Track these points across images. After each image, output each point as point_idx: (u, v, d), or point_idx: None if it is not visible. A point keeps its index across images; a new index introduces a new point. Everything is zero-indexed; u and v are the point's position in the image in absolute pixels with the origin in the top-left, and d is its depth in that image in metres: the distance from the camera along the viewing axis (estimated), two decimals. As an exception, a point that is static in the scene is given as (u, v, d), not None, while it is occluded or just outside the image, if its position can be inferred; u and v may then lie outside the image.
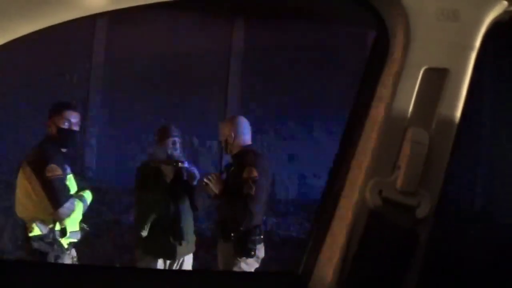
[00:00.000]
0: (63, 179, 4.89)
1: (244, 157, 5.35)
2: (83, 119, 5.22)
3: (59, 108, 5.07)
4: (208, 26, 9.70)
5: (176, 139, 5.61)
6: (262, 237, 5.41)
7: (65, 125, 4.99)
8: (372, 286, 1.47)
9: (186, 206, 5.65)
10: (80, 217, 5.08)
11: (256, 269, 5.40)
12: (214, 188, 5.33)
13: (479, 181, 6.15)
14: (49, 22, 1.38)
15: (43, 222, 4.87)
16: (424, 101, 1.42)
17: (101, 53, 9.68)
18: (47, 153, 4.91)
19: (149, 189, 5.57)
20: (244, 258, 5.32)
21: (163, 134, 5.63)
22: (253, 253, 5.29)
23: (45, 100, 5.50)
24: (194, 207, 5.70)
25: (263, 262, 5.48)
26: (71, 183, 5.06)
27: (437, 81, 1.41)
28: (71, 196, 4.93)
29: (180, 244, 5.59)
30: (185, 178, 5.57)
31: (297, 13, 9.01)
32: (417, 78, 1.41)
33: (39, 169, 4.80)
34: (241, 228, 5.24)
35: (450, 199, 1.51)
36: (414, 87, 1.41)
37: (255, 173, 5.21)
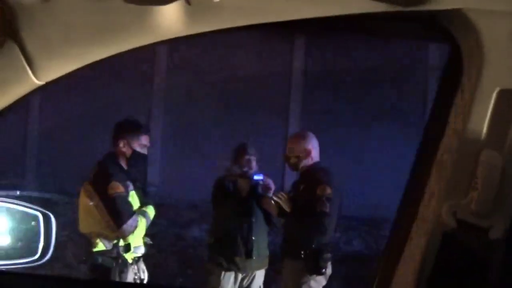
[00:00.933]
0: (125, 197, 4.95)
1: (315, 174, 5.36)
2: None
3: (137, 130, 5.20)
4: (269, 45, 9.74)
5: (252, 157, 5.74)
6: (331, 255, 5.37)
7: (140, 148, 5.09)
8: None
9: (260, 220, 5.77)
10: (143, 232, 5.13)
11: (324, 287, 5.40)
12: (285, 206, 5.35)
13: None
14: (123, 48, 1.41)
15: (107, 237, 4.95)
16: (497, 123, 1.41)
17: (163, 73, 9.80)
18: (109, 170, 5.00)
19: (224, 203, 5.74)
20: (314, 275, 5.29)
21: (240, 152, 5.79)
22: (324, 270, 5.25)
23: (110, 121, 5.64)
24: (269, 222, 5.80)
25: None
26: (134, 199, 5.11)
27: (510, 102, 1.40)
28: (134, 212, 4.98)
29: (251, 258, 5.68)
30: (261, 192, 5.67)
31: (359, 31, 8.99)
32: (490, 100, 1.40)
33: (101, 186, 4.90)
34: (313, 246, 5.22)
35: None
36: (488, 109, 1.40)
37: (328, 191, 5.22)
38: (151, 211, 5.22)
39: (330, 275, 5.45)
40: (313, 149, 5.42)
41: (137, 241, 5.04)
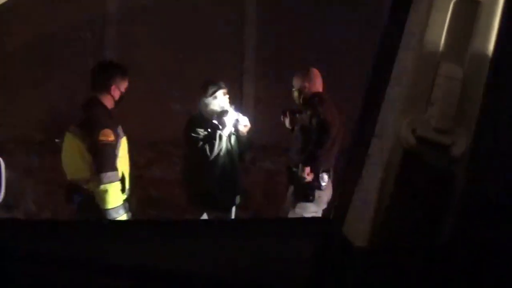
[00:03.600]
0: (114, 147, 4.84)
1: (312, 104, 5.65)
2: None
3: (124, 73, 5.11)
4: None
5: (225, 90, 5.68)
6: (325, 184, 5.64)
7: (124, 91, 5.08)
8: (408, 229, 1.43)
9: (236, 157, 5.78)
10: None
11: (314, 215, 5.59)
12: (288, 124, 5.84)
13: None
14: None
15: None
16: (456, 35, 1.36)
17: (114, 6, 9.59)
18: (100, 117, 4.85)
19: (201, 142, 5.60)
20: (304, 202, 5.63)
21: (212, 87, 5.69)
22: (311, 197, 5.57)
23: (60, 60, 5.46)
24: (241, 158, 5.90)
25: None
26: (124, 146, 5.06)
27: (469, 13, 1.35)
28: (117, 168, 4.86)
29: (235, 196, 5.82)
30: (237, 128, 5.68)
31: None
32: (448, 11, 1.35)
33: (93, 131, 4.74)
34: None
35: (486, 137, 1.46)
36: (446, 21, 1.35)
37: (316, 120, 5.49)
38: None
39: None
40: (316, 83, 5.81)
41: (114, 199, 4.86)
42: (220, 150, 5.60)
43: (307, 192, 5.56)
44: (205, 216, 5.77)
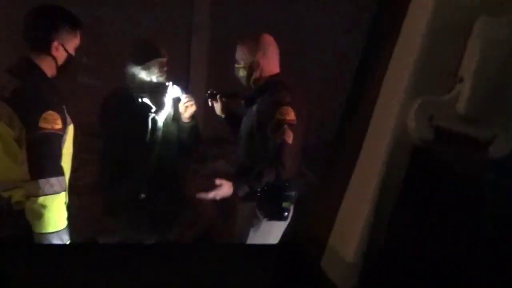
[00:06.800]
0: (61, 137, 2.99)
1: (275, 91, 3.54)
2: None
3: (73, 23, 3.06)
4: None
5: (165, 59, 3.70)
6: (294, 192, 3.94)
7: (74, 52, 3.13)
8: (416, 269, 0.99)
9: (177, 153, 3.87)
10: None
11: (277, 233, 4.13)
12: (219, 110, 3.88)
13: None
14: None
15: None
16: None
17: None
18: (42, 91, 2.88)
19: (128, 127, 3.69)
20: (274, 220, 4.09)
21: (148, 53, 3.68)
22: (286, 214, 3.80)
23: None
24: (186, 154, 4.02)
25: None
26: (70, 136, 3.16)
27: None
28: (63, 173, 3.05)
29: (177, 209, 3.99)
30: (178, 111, 3.81)
31: None
32: None
33: (29, 113, 2.84)
34: (269, 184, 3.58)
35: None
36: None
37: (292, 116, 3.46)
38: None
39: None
40: (272, 57, 3.68)
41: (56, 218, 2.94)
42: (154, 140, 3.73)
43: (282, 207, 3.80)
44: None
